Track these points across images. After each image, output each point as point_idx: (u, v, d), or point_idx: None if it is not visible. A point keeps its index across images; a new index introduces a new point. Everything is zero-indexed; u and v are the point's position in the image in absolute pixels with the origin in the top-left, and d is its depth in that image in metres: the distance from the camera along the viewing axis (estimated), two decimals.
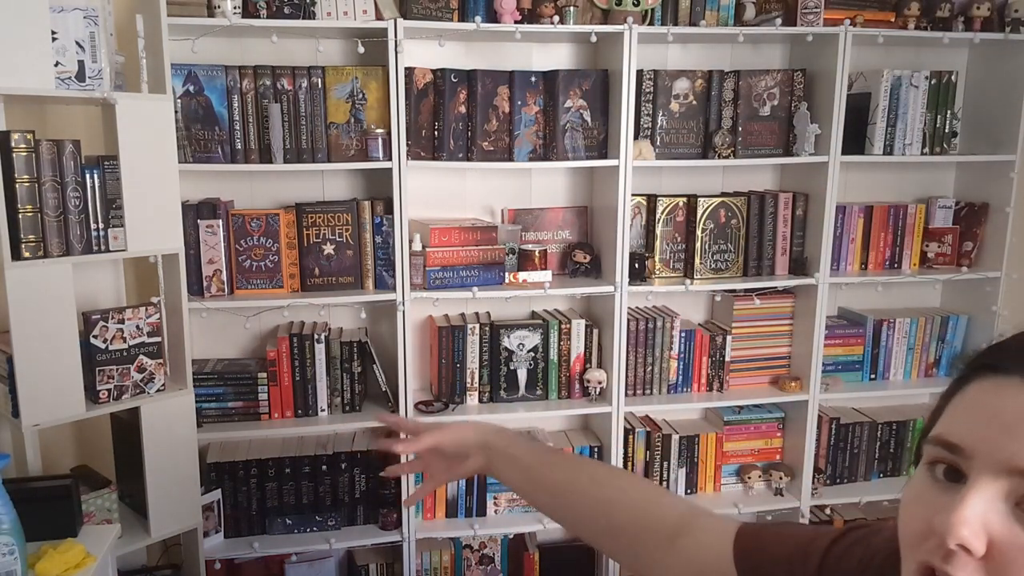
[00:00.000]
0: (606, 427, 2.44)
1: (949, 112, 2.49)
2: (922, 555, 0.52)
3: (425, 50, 2.29)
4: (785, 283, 2.48)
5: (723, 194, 2.49)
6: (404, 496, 2.31)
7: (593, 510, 0.88)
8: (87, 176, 1.81)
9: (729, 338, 2.52)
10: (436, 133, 2.26)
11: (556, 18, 2.18)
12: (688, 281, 2.41)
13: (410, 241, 2.22)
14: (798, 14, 2.29)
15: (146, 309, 1.95)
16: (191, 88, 2.09)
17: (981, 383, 0.53)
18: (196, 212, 2.14)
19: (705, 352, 2.53)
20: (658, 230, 2.43)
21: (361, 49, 2.14)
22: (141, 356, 1.95)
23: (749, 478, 2.58)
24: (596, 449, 2.47)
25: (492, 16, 2.19)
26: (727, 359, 2.54)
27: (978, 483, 0.50)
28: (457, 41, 2.35)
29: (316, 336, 2.26)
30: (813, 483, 2.56)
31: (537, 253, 2.36)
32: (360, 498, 2.35)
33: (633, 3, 2.22)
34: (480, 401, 2.41)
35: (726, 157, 2.37)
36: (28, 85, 1.71)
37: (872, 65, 2.50)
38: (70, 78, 1.79)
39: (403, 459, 1.12)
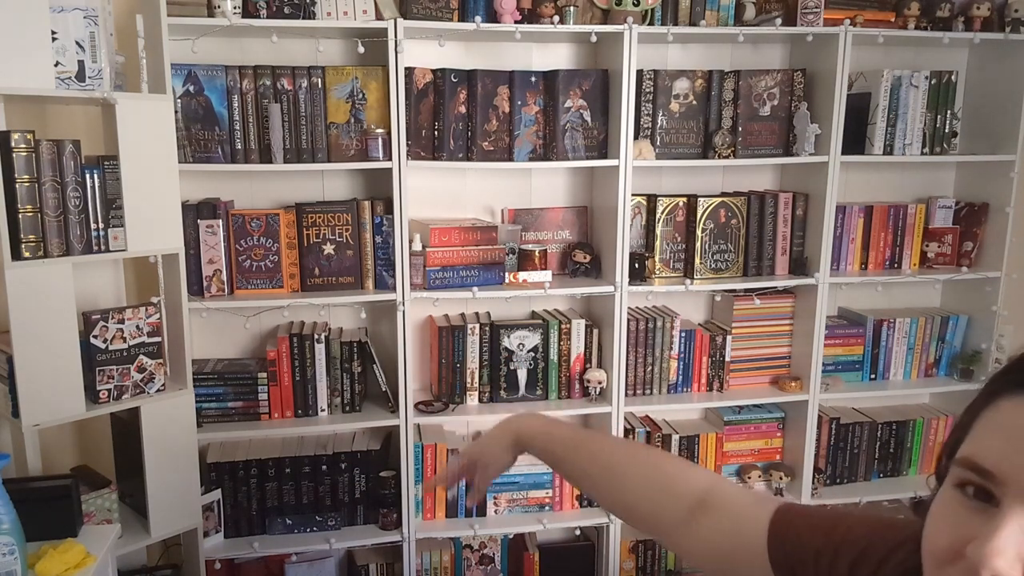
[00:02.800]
0: (606, 427, 2.43)
1: (949, 112, 2.49)
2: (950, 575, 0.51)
3: (425, 50, 2.29)
4: (785, 283, 2.48)
5: (723, 194, 2.49)
6: (404, 497, 2.31)
7: (610, 496, 0.94)
8: (87, 176, 1.81)
9: (729, 338, 2.52)
10: (436, 133, 2.26)
11: (556, 18, 2.18)
12: (688, 281, 2.41)
13: (410, 241, 2.22)
14: (798, 14, 2.29)
15: (146, 309, 1.95)
16: (191, 88, 2.09)
17: (1013, 402, 0.51)
18: (196, 212, 2.14)
19: (705, 352, 2.53)
20: (658, 230, 2.43)
21: (361, 49, 2.14)
22: (141, 356, 1.95)
23: (749, 478, 2.58)
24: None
25: (492, 16, 2.19)
26: (727, 359, 2.54)
27: (1012, 512, 0.48)
28: (457, 41, 2.35)
29: (316, 336, 2.26)
30: (813, 483, 2.56)
31: (537, 253, 2.36)
32: (360, 498, 2.35)
33: (633, 3, 2.22)
34: (480, 401, 2.41)
35: (726, 157, 2.37)
36: (28, 85, 1.71)
37: (872, 65, 2.50)
38: (70, 78, 1.79)
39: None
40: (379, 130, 2.16)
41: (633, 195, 2.35)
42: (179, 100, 2.07)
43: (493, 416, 2.37)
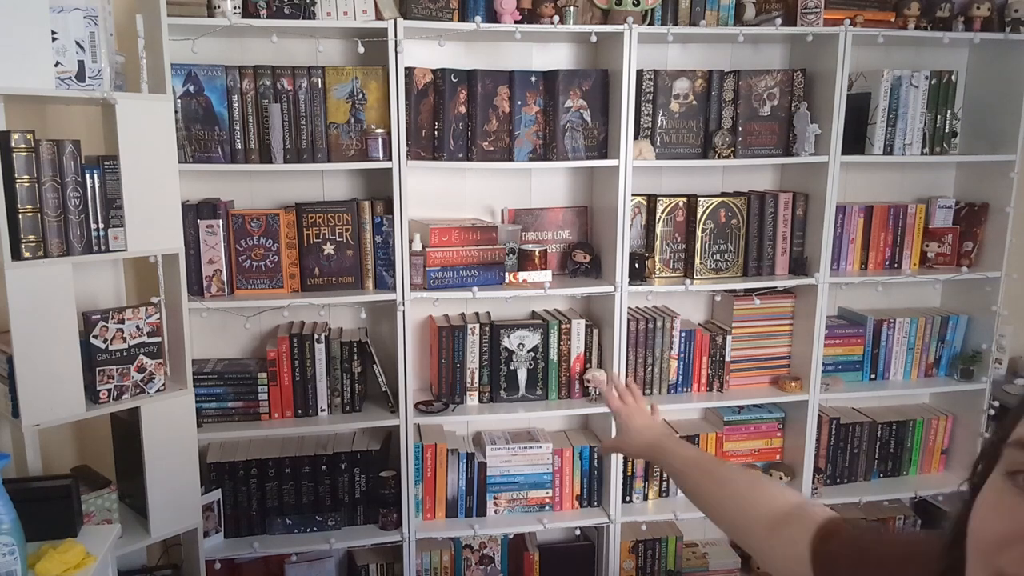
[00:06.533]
0: (606, 427, 2.44)
1: (949, 112, 2.49)
2: (1001, 564, 0.50)
3: (425, 50, 2.29)
4: (785, 283, 2.48)
5: (723, 194, 2.49)
6: (404, 497, 2.31)
7: (718, 508, 1.05)
8: (87, 176, 1.81)
9: (729, 338, 2.52)
10: (436, 133, 2.26)
11: (556, 18, 2.18)
12: (688, 281, 2.41)
13: (410, 241, 2.22)
14: (798, 14, 2.29)
15: (146, 309, 1.95)
16: (191, 88, 2.09)
17: None
18: (196, 212, 2.14)
19: (705, 352, 2.53)
20: (658, 230, 2.43)
21: (361, 49, 2.14)
22: (141, 356, 1.95)
23: None
24: (596, 449, 2.47)
25: (492, 16, 2.19)
26: (727, 359, 2.54)
27: None
28: (457, 41, 2.35)
29: (316, 336, 2.26)
30: (813, 483, 2.56)
31: (537, 253, 2.36)
32: (360, 498, 2.35)
33: (633, 3, 2.22)
34: (480, 401, 2.41)
35: (726, 157, 2.37)
36: (28, 85, 1.71)
37: (872, 65, 2.50)
38: (70, 78, 1.79)
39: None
40: (379, 130, 2.16)
41: (633, 195, 2.35)
42: (179, 100, 2.07)
43: (493, 416, 2.37)
